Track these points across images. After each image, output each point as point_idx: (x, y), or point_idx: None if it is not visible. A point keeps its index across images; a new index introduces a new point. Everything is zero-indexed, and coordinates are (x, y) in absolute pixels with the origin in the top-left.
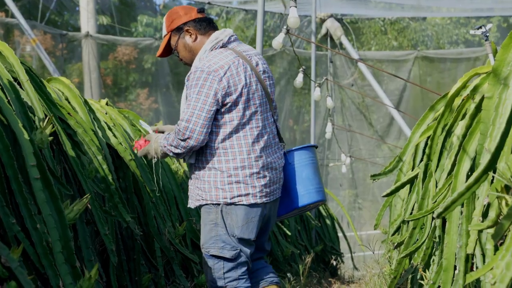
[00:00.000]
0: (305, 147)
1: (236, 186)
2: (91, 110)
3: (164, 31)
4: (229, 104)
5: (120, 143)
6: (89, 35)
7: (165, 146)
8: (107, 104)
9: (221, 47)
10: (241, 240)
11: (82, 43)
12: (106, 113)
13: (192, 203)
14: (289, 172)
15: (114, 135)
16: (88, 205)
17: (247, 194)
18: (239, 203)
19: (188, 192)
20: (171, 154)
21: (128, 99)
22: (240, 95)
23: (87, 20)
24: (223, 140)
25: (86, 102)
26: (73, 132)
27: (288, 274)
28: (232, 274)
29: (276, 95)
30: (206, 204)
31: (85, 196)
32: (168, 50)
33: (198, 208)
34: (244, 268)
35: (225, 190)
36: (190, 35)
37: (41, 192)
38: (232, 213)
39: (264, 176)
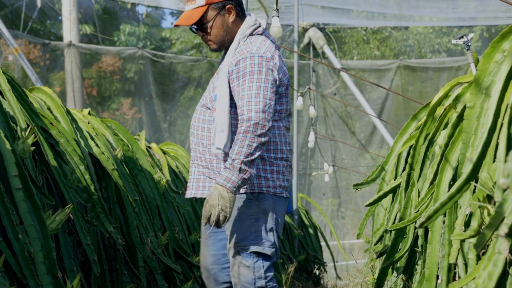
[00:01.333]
0: None
1: (276, 176)
2: (73, 120)
3: (201, 1)
4: (279, 95)
5: (103, 153)
6: (72, 44)
7: (241, 163)
8: (89, 113)
9: (259, 34)
10: (278, 238)
11: (64, 52)
12: (88, 123)
13: (201, 193)
14: None
15: (97, 145)
16: (70, 215)
17: (284, 187)
18: (281, 195)
19: (195, 182)
20: (250, 166)
21: (111, 108)
22: (286, 86)
23: (69, 29)
24: (273, 128)
25: (68, 112)
26: (55, 142)
27: None
28: (271, 274)
29: None
30: (245, 194)
31: (67, 206)
32: (193, 24)
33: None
34: (274, 270)
35: (268, 179)
36: (231, 15)
37: (23, 202)
38: (275, 206)
39: (291, 171)
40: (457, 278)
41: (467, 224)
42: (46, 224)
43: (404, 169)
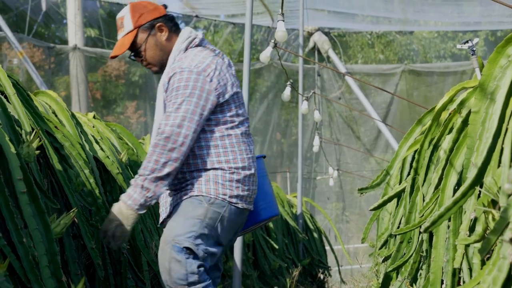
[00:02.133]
0: (258, 157)
1: (236, 185)
2: (78, 124)
3: (129, 27)
4: (222, 104)
5: (108, 157)
6: (76, 48)
7: (144, 180)
8: (94, 117)
9: (196, 45)
10: (219, 246)
11: (69, 56)
12: (93, 127)
13: (165, 211)
14: None
15: (102, 149)
16: (75, 219)
17: (243, 197)
18: (235, 205)
19: (161, 206)
20: (155, 184)
21: (116, 112)
22: (231, 94)
23: (74, 33)
24: (222, 138)
25: (73, 116)
26: (60, 146)
27: None
28: (202, 271)
29: (263, 109)
30: (197, 196)
31: (72, 210)
32: (129, 50)
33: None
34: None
35: (226, 187)
36: (162, 32)
37: (27, 206)
38: (225, 215)
39: (254, 181)
40: (461, 283)
41: (471, 229)
42: (50, 228)
43: (409, 174)
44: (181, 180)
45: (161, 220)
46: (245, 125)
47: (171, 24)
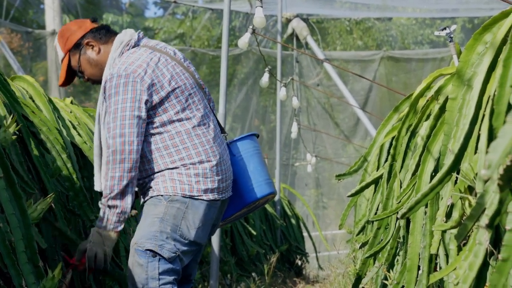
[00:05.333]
0: (248, 135)
1: (195, 180)
2: (55, 109)
3: (61, 54)
4: (160, 102)
5: (85, 142)
6: (55, 33)
7: (108, 200)
8: (71, 102)
9: (133, 47)
10: (191, 245)
11: (47, 41)
12: (70, 112)
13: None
14: (234, 165)
15: (79, 134)
16: (52, 204)
17: (206, 190)
18: (199, 198)
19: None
20: (119, 199)
21: (94, 98)
22: (170, 89)
23: (52, 18)
24: (171, 137)
25: (50, 101)
26: (37, 131)
27: (253, 274)
28: (167, 277)
29: (242, 95)
30: (156, 196)
31: (49, 195)
32: (71, 75)
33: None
34: (176, 276)
35: (184, 182)
36: (92, 48)
37: (4, 191)
38: (188, 211)
39: (221, 170)
40: (438, 269)
41: (448, 215)
42: (27, 213)
43: (386, 160)
44: (142, 186)
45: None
46: (198, 116)
47: (100, 35)
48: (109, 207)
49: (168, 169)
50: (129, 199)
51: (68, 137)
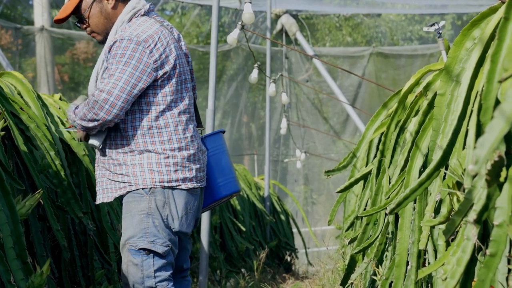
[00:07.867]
0: (217, 132)
1: (174, 169)
2: (44, 105)
3: None
4: (162, 79)
5: (73, 138)
6: (44, 29)
7: (74, 121)
8: (60, 99)
9: (142, 15)
10: (178, 234)
11: (36, 37)
12: (59, 108)
13: (107, 196)
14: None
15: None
16: (41, 200)
17: (185, 178)
18: (178, 187)
19: (100, 186)
20: (83, 127)
21: (83, 94)
22: (173, 67)
23: (41, 14)
24: (157, 118)
25: (39, 97)
26: (26, 127)
27: (243, 270)
28: (163, 273)
29: (231, 91)
30: (135, 190)
31: (37, 192)
32: (72, 16)
33: (119, 200)
34: (171, 270)
35: (162, 173)
36: (109, 0)
37: None
38: (170, 201)
39: (199, 159)
40: (426, 264)
41: (437, 211)
42: (16, 209)
43: (375, 156)
44: (115, 163)
45: (97, 201)
46: (185, 104)
47: None
48: (74, 121)
49: (146, 150)
50: (90, 132)
51: (56, 134)
